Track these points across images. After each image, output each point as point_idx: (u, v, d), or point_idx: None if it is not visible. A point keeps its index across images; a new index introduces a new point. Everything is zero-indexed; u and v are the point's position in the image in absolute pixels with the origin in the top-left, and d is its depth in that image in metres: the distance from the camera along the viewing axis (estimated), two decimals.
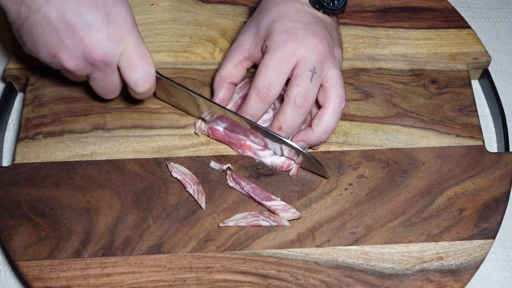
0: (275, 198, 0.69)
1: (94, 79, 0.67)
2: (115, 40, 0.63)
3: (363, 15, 0.83)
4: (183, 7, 0.83)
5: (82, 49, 0.63)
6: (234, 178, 0.70)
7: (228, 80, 0.72)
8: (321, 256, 0.67)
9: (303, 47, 0.67)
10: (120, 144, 0.73)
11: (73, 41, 0.62)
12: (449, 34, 0.81)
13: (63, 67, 0.64)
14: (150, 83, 0.66)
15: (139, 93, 0.67)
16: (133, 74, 0.65)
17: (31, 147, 0.72)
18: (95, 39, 0.62)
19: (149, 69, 0.66)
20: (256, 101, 0.68)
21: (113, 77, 0.67)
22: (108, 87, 0.68)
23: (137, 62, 0.65)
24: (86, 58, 0.63)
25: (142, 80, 0.65)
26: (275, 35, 0.67)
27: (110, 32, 0.63)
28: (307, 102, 0.67)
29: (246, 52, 0.71)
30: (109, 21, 0.63)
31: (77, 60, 0.64)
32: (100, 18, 0.63)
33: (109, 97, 0.70)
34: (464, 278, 0.66)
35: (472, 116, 0.76)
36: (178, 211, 0.69)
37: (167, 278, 0.65)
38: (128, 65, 0.65)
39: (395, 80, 0.78)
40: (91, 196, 0.70)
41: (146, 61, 0.65)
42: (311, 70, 0.66)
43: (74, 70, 0.65)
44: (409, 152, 0.73)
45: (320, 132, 0.68)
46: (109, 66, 0.65)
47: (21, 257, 0.66)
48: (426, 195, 0.70)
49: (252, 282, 0.65)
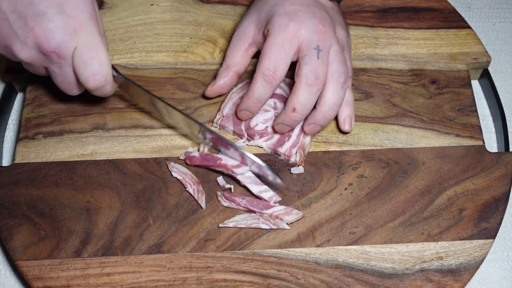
0: (273, 204, 0.69)
1: (53, 72, 0.66)
2: (68, 33, 0.62)
3: (363, 15, 0.83)
4: (183, 7, 0.83)
5: (33, 39, 0.62)
6: (228, 197, 0.69)
7: (234, 69, 0.72)
8: (321, 256, 0.67)
9: (304, 28, 0.67)
10: (120, 144, 0.73)
11: (24, 31, 0.62)
12: (449, 34, 0.82)
13: (17, 57, 0.64)
14: (100, 82, 0.65)
15: (90, 90, 0.66)
16: (84, 71, 0.64)
17: (31, 147, 0.72)
18: (46, 29, 0.62)
19: (99, 68, 0.64)
20: (262, 85, 0.68)
21: (71, 72, 0.65)
22: (67, 81, 0.66)
23: (88, 60, 0.64)
24: (38, 48, 0.63)
25: (92, 79, 0.64)
26: (276, 18, 0.68)
27: (63, 24, 0.62)
28: (318, 80, 0.66)
29: (250, 39, 0.71)
30: (62, 12, 0.62)
31: (30, 50, 0.63)
32: (52, 9, 0.62)
33: (72, 92, 0.69)
34: (464, 278, 0.66)
35: (472, 116, 0.76)
36: (178, 211, 0.69)
37: (167, 278, 0.65)
38: (79, 62, 0.64)
39: (395, 80, 0.78)
40: (91, 196, 0.70)
41: (97, 59, 0.64)
42: (315, 48, 0.67)
43: (29, 61, 0.64)
44: (409, 152, 0.73)
45: (324, 110, 0.68)
46: (63, 59, 0.64)
47: (21, 257, 0.66)
48: (426, 195, 0.70)
49: (252, 281, 0.65)
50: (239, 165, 0.70)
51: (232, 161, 0.70)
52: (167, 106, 0.69)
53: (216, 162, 0.70)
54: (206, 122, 0.75)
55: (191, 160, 0.71)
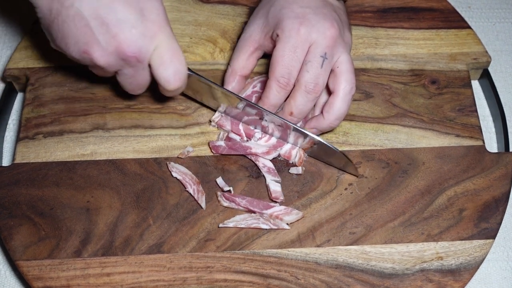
0: (273, 204, 0.69)
1: (124, 75, 0.66)
2: (149, 37, 0.63)
3: (363, 15, 0.83)
4: (183, 7, 0.83)
5: (115, 45, 0.62)
6: (228, 197, 0.69)
7: (239, 73, 0.72)
8: (321, 256, 0.67)
9: (315, 32, 0.67)
10: (120, 144, 0.73)
11: (107, 37, 0.62)
12: (449, 34, 0.82)
13: (94, 63, 0.64)
14: (181, 80, 0.66)
15: (170, 90, 0.67)
16: (164, 71, 0.65)
17: (31, 147, 0.72)
18: (129, 36, 0.62)
19: (180, 67, 0.66)
20: (278, 91, 0.68)
21: (143, 73, 0.66)
22: (137, 83, 0.67)
23: (169, 60, 0.65)
24: (118, 54, 0.63)
25: (173, 78, 0.65)
26: (286, 22, 0.67)
27: (144, 29, 0.63)
28: (317, 88, 0.67)
29: (257, 43, 0.71)
30: (142, 17, 0.63)
31: (109, 56, 0.63)
32: (134, 15, 0.62)
33: (136, 92, 0.70)
34: (464, 278, 0.66)
35: (472, 116, 0.76)
36: (178, 211, 0.69)
37: (167, 278, 0.65)
38: (160, 63, 0.65)
39: (395, 80, 0.78)
40: (91, 196, 0.70)
41: (178, 58, 0.65)
42: (322, 56, 0.67)
43: (105, 66, 0.64)
44: (409, 152, 0.73)
45: (331, 119, 0.69)
46: (141, 63, 0.64)
47: (21, 257, 0.66)
48: (426, 195, 0.70)
49: (252, 281, 0.65)
50: (269, 152, 0.70)
51: (262, 148, 0.71)
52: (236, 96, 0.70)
53: (246, 150, 0.71)
54: (206, 122, 0.75)
55: (217, 150, 0.71)
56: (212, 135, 0.74)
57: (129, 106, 0.76)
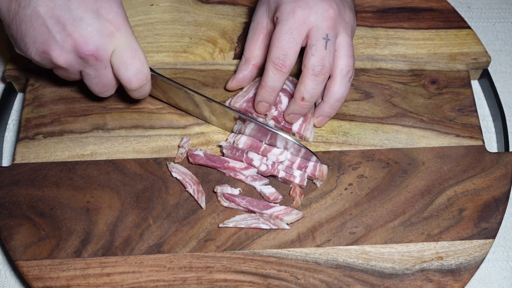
0: (273, 204, 0.69)
1: (88, 75, 0.67)
2: (106, 35, 0.64)
3: (363, 15, 0.83)
4: (183, 8, 0.83)
5: (72, 44, 0.63)
6: (228, 197, 0.69)
7: (252, 62, 0.73)
8: (321, 255, 0.67)
9: (313, 14, 0.67)
10: (120, 144, 0.73)
11: (63, 36, 0.63)
12: (449, 34, 0.82)
13: (54, 63, 0.64)
14: (143, 80, 0.66)
15: (133, 90, 0.67)
16: (125, 71, 0.65)
17: (31, 147, 0.72)
18: (85, 33, 0.63)
19: (141, 66, 0.66)
20: (274, 73, 0.68)
21: (106, 74, 0.66)
22: (102, 84, 0.68)
23: (129, 59, 0.65)
24: (76, 52, 0.63)
25: (135, 78, 0.66)
26: (284, 5, 0.68)
27: (100, 27, 0.63)
28: (325, 70, 0.68)
29: (265, 29, 0.72)
30: (99, 16, 0.63)
31: (67, 55, 0.64)
32: (90, 13, 0.63)
33: (104, 94, 0.70)
34: (464, 278, 0.66)
35: (472, 116, 0.76)
36: (178, 211, 0.69)
37: (167, 278, 0.65)
38: (120, 63, 0.65)
39: (395, 80, 0.78)
40: (91, 196, 0.70)
41: (138, 58, 0.66)
42: (324, 38, 0.67)
43: (66, 66, 0.65)
44: (409, 152, 0.73)
45: (331, 102, 0.71)
46: (100, 61, 0.65)
47: (21, 257, 0.66)
48: (426, 195, 0.70)
49: (252, 281, 0.65)
50: (247, 167, 0.70)
51: (240, 163, 0.70)
52: (205, 98, 0.70)
53: (224, 164, 0.70)
54: (206, 122, 0.75)
55: (194, 158, 0.71)
56: (212, 135, 0.74)
57: (129, 106, 0.76)
